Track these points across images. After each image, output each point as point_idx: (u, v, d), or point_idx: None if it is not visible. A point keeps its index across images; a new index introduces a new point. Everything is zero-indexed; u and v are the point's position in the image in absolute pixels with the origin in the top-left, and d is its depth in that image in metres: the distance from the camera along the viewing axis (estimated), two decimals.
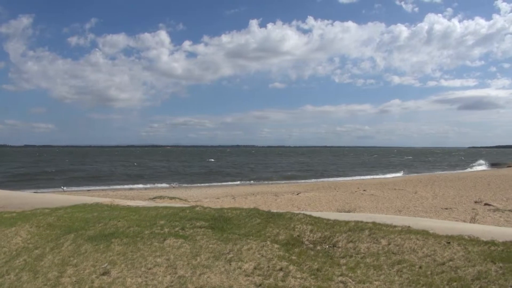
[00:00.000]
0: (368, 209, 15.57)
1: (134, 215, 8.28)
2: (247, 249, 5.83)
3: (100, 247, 6.04)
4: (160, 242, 6.17)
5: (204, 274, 4.99)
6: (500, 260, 4.91)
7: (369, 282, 4.64)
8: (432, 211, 15.10)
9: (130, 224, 7.35)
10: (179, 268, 5.18)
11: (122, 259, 5.52)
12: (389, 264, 5.14)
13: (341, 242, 6.19)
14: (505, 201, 17.54)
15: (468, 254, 5.22)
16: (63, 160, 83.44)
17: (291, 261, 5.38)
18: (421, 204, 17.36)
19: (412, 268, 4.93)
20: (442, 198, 19.57)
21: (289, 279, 4.80)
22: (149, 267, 5.22)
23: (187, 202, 16.33)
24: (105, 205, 10.22)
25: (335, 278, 4.78)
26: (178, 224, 7.22)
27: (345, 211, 11.98)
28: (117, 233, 6.75)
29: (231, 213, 8.16)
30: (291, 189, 27.09)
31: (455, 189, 23.87)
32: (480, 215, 13.37)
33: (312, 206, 17.00)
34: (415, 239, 5.95)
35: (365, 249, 5.82)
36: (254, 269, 5.11)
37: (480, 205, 16.46)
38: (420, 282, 4.49)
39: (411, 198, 19.78)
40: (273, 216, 7.76)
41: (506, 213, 13.98)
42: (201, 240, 6.31)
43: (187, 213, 8.21)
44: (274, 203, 18.16)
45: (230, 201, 19.45)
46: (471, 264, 4.87)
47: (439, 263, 5.04)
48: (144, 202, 13.16)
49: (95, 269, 5.24)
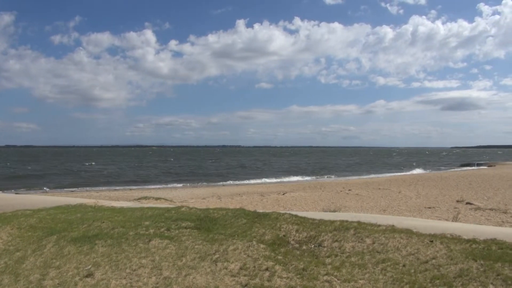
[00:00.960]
0: (353, 209, 15.71)
1: (119, 216, 8.18)
2: (233, 249, 5.82)
3: (83, 248, 5.95)
4: (145, 243, 6.11)
5: (189, 275, 4.96)
6: (481, 257, 5.02)
7: (354, 281, 4.69)
8: (415, 210, 15.33)
9: (114, 225, 7.26)
10: (164, 269, 5.14)
11: (106, 260, 5.45)
12: (373, 262, 5.20)
13: (326, 242, 6.23)
14: (486, 200, 17.91)
15: (451, 252, 5.32)
16: (46, 161, 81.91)
17: (277, 261, 5.39)
18: (405, 203, 17.60)
19: (396, 267, 4.99)
20: (425, 197, 19.88)
21: (275, 279, 4.81)
22: (134, 269, 5.16)
23: (173, 203, 16.21)
24: (89, 206, 10.08)
25: (321, 278, 4.82)
26: (164, 225, 7.17)
27: (331, 211, 12.07)
28: (101, 234, 6.66)
29: (217, 213, 8.14)
30: (277, 189, 27.15)
31: (438, 188, 24.27)
32: (462, 214, 13.63)
33: (298, 206, 17.07)
34: (399, 238, 6.03)
35: (350, 248, 5.88)
36: (240, 270, 5.10)
37: (462, 204, 16.77)
38: (404, 280, 4.56)
39: (395, 197, 20.04)
40: (259, 216, 7.77)
41: (487, 211, 14.28)
42: (186, 240, 6.27)
43: (173, 213, 8.16)
44: (260, 203, 18.17)
45: (216, 201, 19.40)
46: (453, 262, 4.96)
47: (422, 261, 5.12)
48: (129, 202, 13.02)
49: (78, 271, 5.16)
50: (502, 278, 4.40)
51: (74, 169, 54.87)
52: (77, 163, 73.24)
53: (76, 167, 60.62)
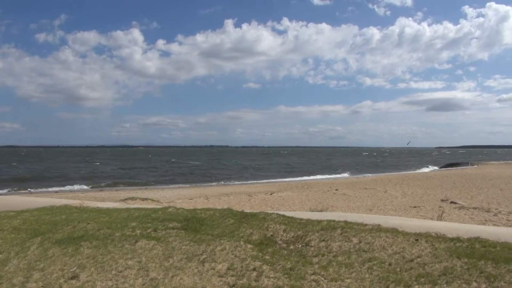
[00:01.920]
0: (340, 208, 15.82)
1: (105, 217, 8.09)
2: (220, 249, 5.81)
3: (68, 250, 5.87)
4: (131, 244, 6.05)
5: (176, 275, 4.94)
6: (465, 256, 5.11)
7: (341, 280, 4.72)
8: (401, 209, 15.52)
9: (100, 227, 7.18)
10: (151, 270, 5.10)
11: (92, 262, 5.38)
12: (360, 262, 5.25)
13: (313, 241, 6.27)
14: (470, 199, 18.23)
15: (435, 250, 5.41)
16: (30, 161, 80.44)
17: (264, 261, 5.40)
18: (390, 202, 17.80)
19: (382, 265, 5.05)
20: (411, 196, 20.13)
21: (262, 279, 4.81)
22: (120, 270, 5.11)
23: (160, 203, 16.10)
24: (74, 207, 9.95)
25: (308, 277, 4.84)
26: (150, 226, 7.11)
27: (318, 211, 12.13)
28: (87, 235, 6.58)
29: (204, 213, 8.11)
30: (264, 189, 27.17)
31: (423, 188, 24.61)
32: (447, 212, 13.84)
33: (286, 206, 17.12)
34: (385, 237, 6.10)
35: (337, 247, 5.92)
36: (227, 270, 5.10)
37: (446, 203, 17.03)
38: (390, 279, 4.61)
39: (381, 197, 20.25)
40: (247, 216, 7.78)
41: (471, 210, 14.54)
42: (173, 241, 6.24)
43: (160, 214, 8.11)
44: (247, 203, 18.16)
45: (203, 201, 19.32)
46: (438, 260, 5.04)
47: (407, 260, 5.19)
48: (115, 203, 12.88)
49: (63, 273, 5.08)
50: (485, 276, 4.48)
51: (58, 170, 54.00)
52: (60, 164, 72.12)
53: (58, 168, 59.69)
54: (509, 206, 15.76)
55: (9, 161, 79.18)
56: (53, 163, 74.14)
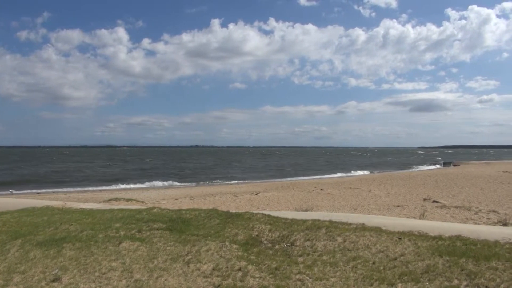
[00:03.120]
0: (325, 208, 15.93)
1: (88, 218, 7.98)
2: (205, 250, 5.79)
3: (50, 252, 5.76)
4: (115, 246, 5.98)
5: (161, 277, 4.90)
6: (446, 253, 5.21)
7: (326, 279, 4.76)
8: (385, 208, 15.71)
9: (83, 228, 7.07)
10: (135, 271, 5.05)
11: (75, 264, 5.30)
12: (344, 260, 5.30)
13: (299, 241, 6.30)
14: (451, 198, 18.58)
15: (418, 249, 5.50)
16: (11, 161, 78.65)
17: (249, 261, 5.40)
18: (374, 202, 18.00)
19: (366, 264, 5.11)
20: (394, 196, 20.41)
21: (247, 279, 4.82)
22: (103, 272, 5.04)
23: (144, 204, 15.94)
24: (56, 208, 9.78)
25: (293, 276, 4.87)
26: (135, 227, 7.04)
27: (303, 210, 12.19)
28: (69, 237, 6.47)
29: (189, 214, 8.08)
30: (250, 189, 27.17)
31: (406, 187, 24.97)
32: (429, 211, 14.08)
33: (271, 206, 17.14)
34: (369, 236, 6.18)
35: (322, 247, 5.97)
36: (212, 270, 5.08)
37: (429, 202, 17.31)
38: (374, 277, 4.67)
39: (366, 196, 20.47)
40: (232, 216, 7.77)
41: (452, 209, 14.81)
42: (158, 242, 6.19)
43: (144, 215, 8.04)
44: (233, 204, 18.13)
45: (188, 202, 19.20)
46: (421, 259, 5.13)
47: (391, 258, 5.27)
48: (98, 204, 12.71)
49: (44, 276, 4.98)
50: (466, 273, 4.58)
51: (40, 170, 52.95)
52: (42, 164, 70.76)
53: (40, 168, 58.56)
54: (489, 204, 16.13)
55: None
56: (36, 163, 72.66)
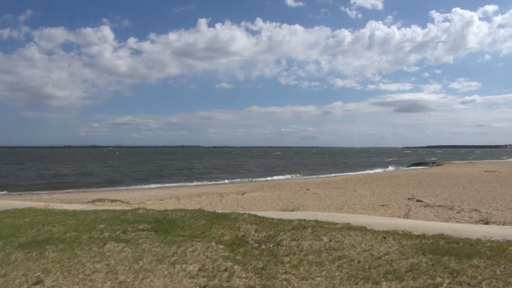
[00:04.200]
0: (311, 208, 16.01)
1: (71, 220, 7.86)
2: (191, 251, 5.77)
3: (32, 254, 5.65)
4: (99, 247, 5.91)
5: (146, 278, 4.85)
6: (430, 252, 5.30)
7: (312, 278, 4.79)
8: (370, 208, 15.87)
9: (66, 229, 6.96)
10: (120, 273, 4.99)
11: (58, 266, 5.21)
12: (330, 260, 5.34)
13: (285, 241, 6.33)
14: (435, 197, 18.89)
15: (402, 247, 5.58)
16: None
17: (236, 261, 5.40)
18: (360, 201, 18.18)
19: (351, 263, 5.16)
20: (379, 195, 20.64)
21: (234, 279, 4.81)
22: (87, 274, 4.97)
23: (129, 205, 15.77)
24: (38, 210, 9.60)
25: (279, 276, 4.88)
26: (119, 228, 6.97)
27: (289, 210, 12.24)
28: (52, 239, 6.36)
29: (175, 214, 8.03)
30: (236, 189, 27.14)
31: (391, 186, 25.28)
32: (413, 210, 14.28)
33: (257, 206, 17.15)
34: (354, 235, 6.24)
35: (308, 246, 6.00)
36: (198, 271, 5.06)
37: (413, 201, 17.56)
38: (359, 276, 4.72)
39: (351, 196, 20.65)
40: (218, 216, 7.76)
41: (435, 208, 15.06)
42: (143, 243, 6.14)
43: (129, 216, 7.96)
44: (219, 204, 18.08)
45: (174, 202, 19.06)
46: (405, 257, 5.21)
47: (376, 257, 5.33)
48: (82, 205, 12.53)
49: (26, 279, 4.88)
50: (449, 271, 4.66)
51: (21, 171, 51.90)
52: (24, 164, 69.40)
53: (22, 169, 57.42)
54: (471, 203, 16.45)
55: None
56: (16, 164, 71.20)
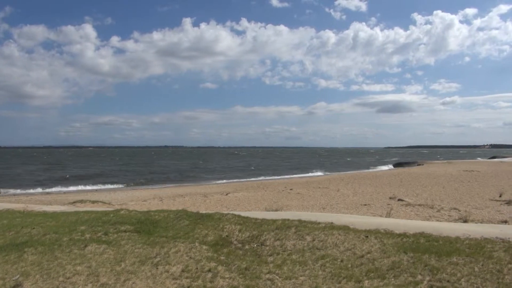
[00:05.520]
0: (295, 207, 16.08)
1: (51, 221, 7.71)
2: (174, 251, 5.73)
3: (10, 257, 5.52)
4: (80, 249, 5.81)
5: (129, 280, 4.80)
6: (411, 250, 5.39)
7: (295, 277, 4.81)
8: (352, 207, 16.04)
9: (46, 231, 6.83)
10: (101, 275, 4.92)
11: (37, 269, 5.10)
12: (313, 259, 5.37)
13: (268, 241, 6.34)
14: (416, 196, 19.22)
15: (384, 246, 5.66)
16: None
17: (219, 262, 5.38)
18: (343, 201, 18.35)
19: (334, 262, 5.21)
20: (362, 195, 20.88)
21: (217, 280, 4.80)
22: (67, 276, 4.88)
23: (111, 206, 15.56)
24: (17, 212, 9.39)
25: (263, 276, 4.89)
26: (101, 229, 6.87)
27: (273, 210, 12.27)
28: (31, 241, 6.23)
29: (158, 215, 7.96)
30: (220, 189, 27.05)
31: (373, 186, 25.61)
32: (394, 209, 14.49)
33: (241, 206, 17.14)
34: (337, 234, 6.30)
35: (291, 246, 6.03)
36: (182, 272, 5.03)
37: (394, 200, 17.82)
38: (342, 275, 4.76)
39: (334, 195, 20.83)
40: (202, 217, 7.73)
41: (416, 207, 15.32)
42: (126, 245, 6.06)
43: (111, 217, 7.86)
44: (203, 204, 18.00)
45: (157, 203, 18.89)
46: (386, 256, 5.28)
47: (358, 256, 5.39)
48: (62, 207, 12.30)
49: (4, 282, 4.76)
50: (429, 269, 4.76)
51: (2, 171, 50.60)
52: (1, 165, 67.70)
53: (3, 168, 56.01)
54: (451, 202, 16.80)
55: None
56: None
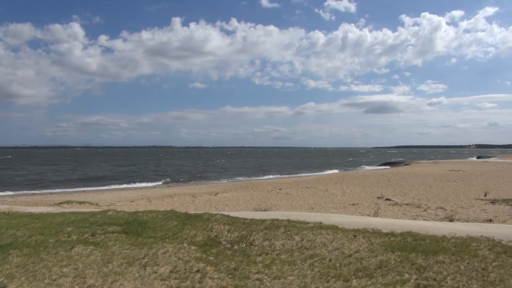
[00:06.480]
0: (284, 207, 16.12)
1: (37, 223, 7.59)
2: (163, 252, 5.69)
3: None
4: (67, 251, 5.73)
5: (116, 281, 4.75)
6: (398, 249, 5.45)
7: (284, 277, 4.82)
8: (341, 207, 16.14)
9: (31, 233, 6.72)
10: (88, 277, 4.86)
11: (22, 271, 5.01)
12: (302, 259, 5.39)
13: (257, 241, 6.35)
14: (403, 196, 19.43)
15: (372, 245, 5.71)
16: None
17: (208, 262, 5.37)
18: (331, 201, 18.45)
19: (323, 262, 5.24)
20: (350, 194, 21.02)
21: (206, 280, 4.78)
22: (53, 279, 4.81)
23: (99, 207, 15.40)
24: (1, 213, 9.22)
25: (252, 276, 4.89)
26: (88, 230, 6.79)
27: (262, 210, 12.28)
28: (16, 243, 6.12)
29: (146, 216, 7.91)
30: (209, 189, 26.97)
31: (361, 186, 25.81)
32: (382, 209, 14.63)
33: (230, 206, 17.11)
34: (326, 234, 6.34)
35: (280, 246, 6.04)
36: (170, 273, 5.00)
37: (382, 200, 17.99)
38: (330, 274, 4.79)
39: (323, 195, 20.93)
40: (191, 217, 7.70)
41: (403, 206, 15.49)
42: (113, 246, 6.00)
43: (98, 218, 7.77)
44: (191, 205, 17.92)
45: (145, 203, 18.74)
46: (374, 255, 5.33)
47: (346, 255, 5.43)
48: (49, 208, 12.13)
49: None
50: (416, 267, 4.82)
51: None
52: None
53: None
54: (437, 201, 17.03)
55: None
56: None
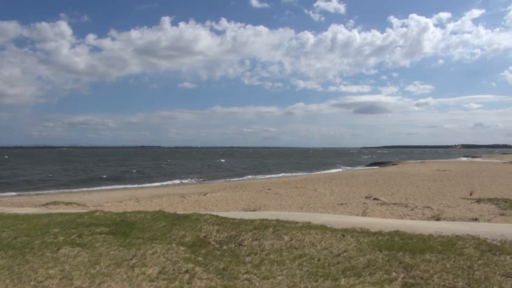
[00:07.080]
0: (273, 207, 16.14)
1: (22, 224, 7.47)
2: (151, 253, 5.65)
3: None
4: (53, 252, 5.65)
5: (104, 283, 4.70)
6: (386, 248, 5.51)
7: (273, 277, 4.83)
8: (329, 207, 16.23)
9: (17, 234, 6.61)
10: (75, 279, 4.80)
11: (7, 273, 4.93)
12: (291, 258, 5.41)
13: (246, 241, 6.34)
14: (390, 196, 19.62)
15: (360, 244, 5.75)
16: None
17: (197, 263, 5.35)
18: (320, 200, 18.54)
19: (311, 261, 5.26)
20: (338, 194, 21.15)
21: (195, 281, 4.76)
22: (39, 281, 4.74)
23: (86, 207, 15.22)
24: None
25: (241, 276, 4.88)
26: (75, 232, 6.71)
27: (251, 210, 12.28)
28: (1, 245, 6.02)
29: (134, 217, 7.84)
30: (198, 190, 26.86)
31: (349, 186, 25.98)
32: (370, 208, 14.75)
33: (219, 207, 17.07)
34: (315, 233, 6.37)
35: (269, 246, 6.05)
36: (158, 274, 4.97)
37: (370, 199, 18.14)
38: (319, 274, 4.81)
39: (311, 195, 21.01)
40: (179, 218, 7.66)
41: (391, 206, 15.64)
42: (101, 247, 5.94)
43: (85, 219, 7.69)
44: (180, 205, 17.82)
45: (133, 204, 18.58)
46: (362, 254, 5.37)
47: (335, 254, 5.46)
48: (35, 209, 11.95)
49: None
50: (403, 266, 4.87)
51: None
52: None
53: None
54: (424, 201, 17.24)
55: None
56: None
